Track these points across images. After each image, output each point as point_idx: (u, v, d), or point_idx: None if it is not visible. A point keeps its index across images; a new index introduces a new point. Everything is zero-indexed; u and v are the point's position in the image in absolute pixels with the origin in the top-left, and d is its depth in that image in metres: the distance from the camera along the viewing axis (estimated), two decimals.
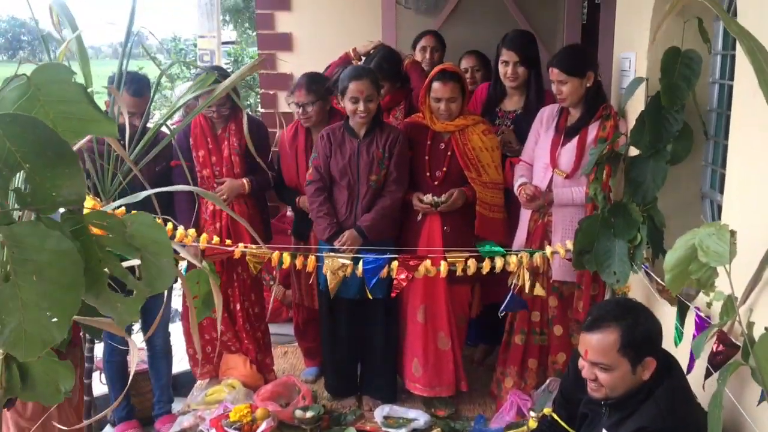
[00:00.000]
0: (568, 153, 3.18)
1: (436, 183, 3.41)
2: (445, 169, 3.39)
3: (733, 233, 1.56)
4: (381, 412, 3.47)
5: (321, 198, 3.38)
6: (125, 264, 1.22)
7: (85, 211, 1.17)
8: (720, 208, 2.58)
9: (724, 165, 2.58)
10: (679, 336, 2.22)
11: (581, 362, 2.02)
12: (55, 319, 1.02)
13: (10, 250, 0.98)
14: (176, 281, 2.99)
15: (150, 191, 1.44)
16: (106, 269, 1.22)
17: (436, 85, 3.31)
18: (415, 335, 3.54)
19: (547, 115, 3.33)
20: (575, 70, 3.08)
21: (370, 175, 3.34)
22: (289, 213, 4.30)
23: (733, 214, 2.07)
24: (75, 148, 1.36)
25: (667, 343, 2.07)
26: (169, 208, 3.36)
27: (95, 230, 1.15)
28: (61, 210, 1.10)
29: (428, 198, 3.35)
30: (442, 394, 3.57)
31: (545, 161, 3.25)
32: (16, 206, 1.05)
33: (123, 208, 1.97)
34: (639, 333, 1.90)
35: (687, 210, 2.84)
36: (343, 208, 3.38)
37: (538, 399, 3.30)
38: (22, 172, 1.00)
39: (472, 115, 3.45)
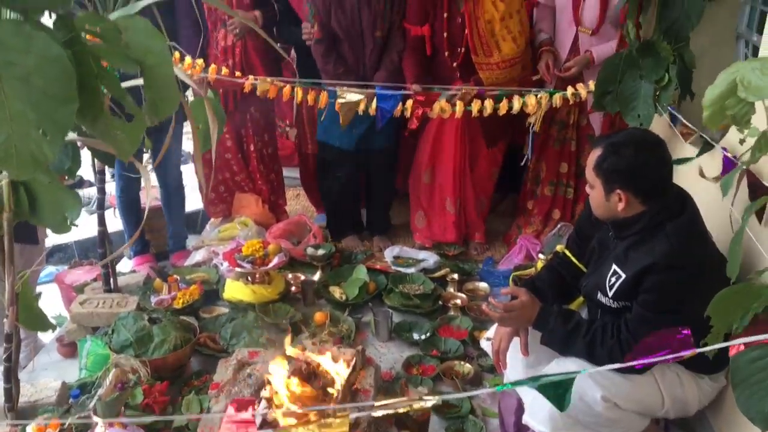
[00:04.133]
0: (591, 8, 3.06)
1: (455, 64, 3.27)
2: (463, 49, 3.23)
3: None
4: (391, 252, 3.52)
5: (334, 57, 3.29)
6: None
7: None
8: (756, 48, 2.45)
9: (765, 2, 2.42)
10: (683, 162, 2.16)
11: None
12: (46, 135, 0.95)
13: None
14: (185, 120, 2.94)
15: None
16: (103, 89, 1.14)
17: None
18: (422, 191, 3.62)
19: None
20: None
21: (375, 31, 3.23)
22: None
23: None
24: None
25: (684, 182, 2.02)
26: (174, 39, 3.22)
27: (90, 38, 1.06)
28: (54, 17, 1.01)
29: None
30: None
31: (569, 18, 3.11)
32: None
33: None
34: (611, 162, 1.86)
35: (719, 50, 2.70)
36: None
37: (548, 243, 3.33)
38: None
39: None
